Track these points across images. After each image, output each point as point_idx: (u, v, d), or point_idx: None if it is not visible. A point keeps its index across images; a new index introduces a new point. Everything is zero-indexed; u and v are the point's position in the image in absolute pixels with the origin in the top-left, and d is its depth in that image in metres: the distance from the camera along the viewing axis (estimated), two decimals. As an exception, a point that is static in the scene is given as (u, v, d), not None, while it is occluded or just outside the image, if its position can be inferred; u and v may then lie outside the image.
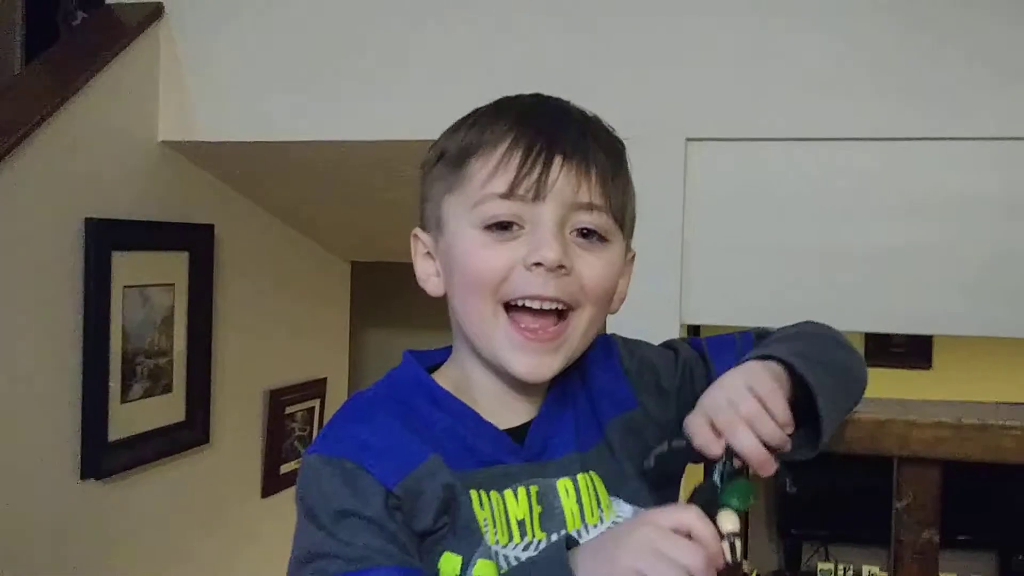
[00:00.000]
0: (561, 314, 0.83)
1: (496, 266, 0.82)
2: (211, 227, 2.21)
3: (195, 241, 2.17)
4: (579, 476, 0.86)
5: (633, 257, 0.92)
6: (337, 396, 2.93)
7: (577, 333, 0.84)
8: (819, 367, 0.87)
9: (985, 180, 1.63)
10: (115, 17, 2.03)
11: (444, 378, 0.90)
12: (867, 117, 1.66)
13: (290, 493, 2.80)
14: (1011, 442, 1.01)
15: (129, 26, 1.98)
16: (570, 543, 0.75)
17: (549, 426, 0.88)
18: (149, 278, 2.03)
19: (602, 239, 0.84)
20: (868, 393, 0.98)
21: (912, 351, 3.97)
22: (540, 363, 0.83)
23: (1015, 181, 1.61)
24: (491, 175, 0.82)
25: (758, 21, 1.72)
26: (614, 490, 0.87)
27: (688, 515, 0.70)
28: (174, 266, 2.11)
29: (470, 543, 0.81)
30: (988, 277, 1.62)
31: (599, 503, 0.85)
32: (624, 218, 0.86)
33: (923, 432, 1.03)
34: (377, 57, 1.92)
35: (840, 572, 3.98)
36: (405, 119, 1.91)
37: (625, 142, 0.90)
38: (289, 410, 2.61)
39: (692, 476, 0.91)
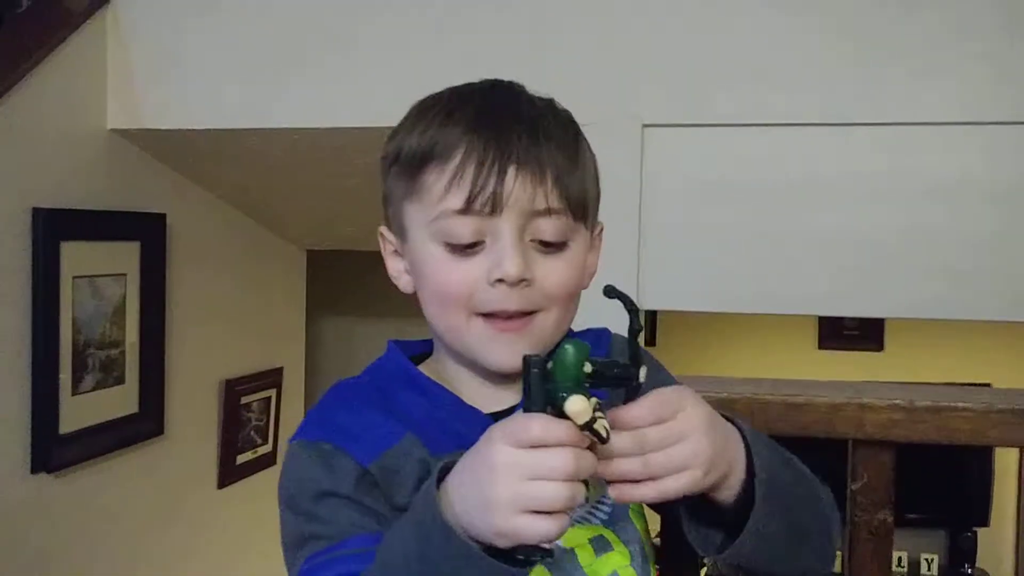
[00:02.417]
0: (527, 313, 0.84)
1: (460, 283, 0.83)
2: (163, 216, 2.18)
3: (146, 230, 2.13)
4: None
5: (601, 230, 0.92)
6: (293, 386, 2.91)
7: (547, 328, 0.85)
8: (779, 462, 0.84)
9: (940, 164, 1.65)
10: (61, 3, 1.99)
11: (428, 368, 0.91)
12: (821, 102, 1.68)
13: (246, 484, 2.80)
14: (963, 423, 1.03)
15: (76, 12, 1.95)
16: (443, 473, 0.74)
17: None
18: (100, 268, 2.00)
19: (563, 240, 0.84)
20: (822, 375, 0.98)
21: (864, 334, 4.02)
22: (513, 352, 0.82)
23: (969, 165, 1.64)
24: (446, 189, 0.82)
25: (714, 7, 1.73)
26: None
27: (531, 427, 0.68)
28: (125, 256, 2.08)
29: None
30: (942, 261, 1.65)
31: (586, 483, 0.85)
32: (586, 206, 0.86)
33: (877, 415, 1.05)
34: (329, 43, 1.91)
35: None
36: (358, 106, 1.90)
37: (582, 128, 0.90)
38: (245, 400, 2.59)
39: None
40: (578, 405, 0.68)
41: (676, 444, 0.74)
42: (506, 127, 0.83)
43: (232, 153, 2.18)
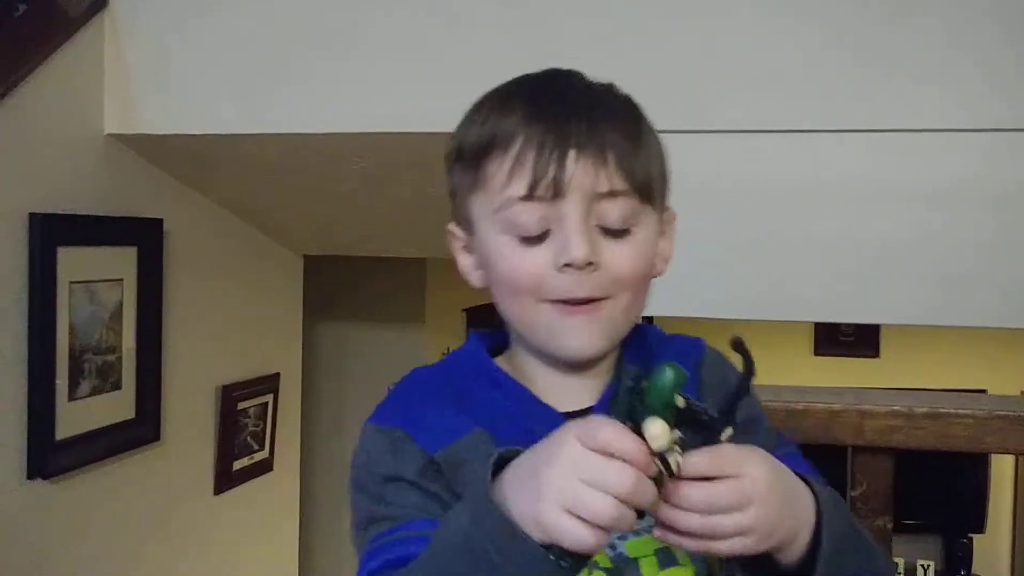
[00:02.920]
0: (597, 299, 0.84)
1: (529, 273, 0.83)
2: (159, 221, 2.17)
3: (143, 236, 2.13)
4: None
5: (674, 215, 0.91)
6: (290, 391, 2.91)
7: (617, 314, 0.85)
8: (850, 536, 0.83)
9: (937, 171, 1.65)
10: (58, 8, 1.98)
11: (506, 361, 0.92)
12: (820, 109, 1.68)
13: (243, 490, 2.78)
14: (961, 430, 1.03)
15: (73, 17, 1.94)
16: (507, 457, 0.73)
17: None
18: (96, 274, 1.99)
19: (630, 222, 0.83)
20: (818, 381, 0.97)
21: (860, 340, 4.03)
22: (584, 336, 0.83)
23: (967, 172, 1.64)
24: (508, 177, 0.82)
25: (714, 14, 1.73)
26: None
27: (602, 431, 0.67)
28: (122, 261, 2.07)
29: None
30: (939, 268, 1.65)
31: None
32: (652, 188, 0.85)
33: (876, 421, 1.05)
34: (326, 49, 1.91)
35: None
36: (355, 112, 1.90)
37: None
38: (242, 406, 2.58)
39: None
40: (657, 429, 0.67)
41: (737, 511, 0.72)
42: (564, 111, 0.82)
43: (229, 158, 2.18)
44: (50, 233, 1.84)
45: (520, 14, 1.81)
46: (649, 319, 2.38)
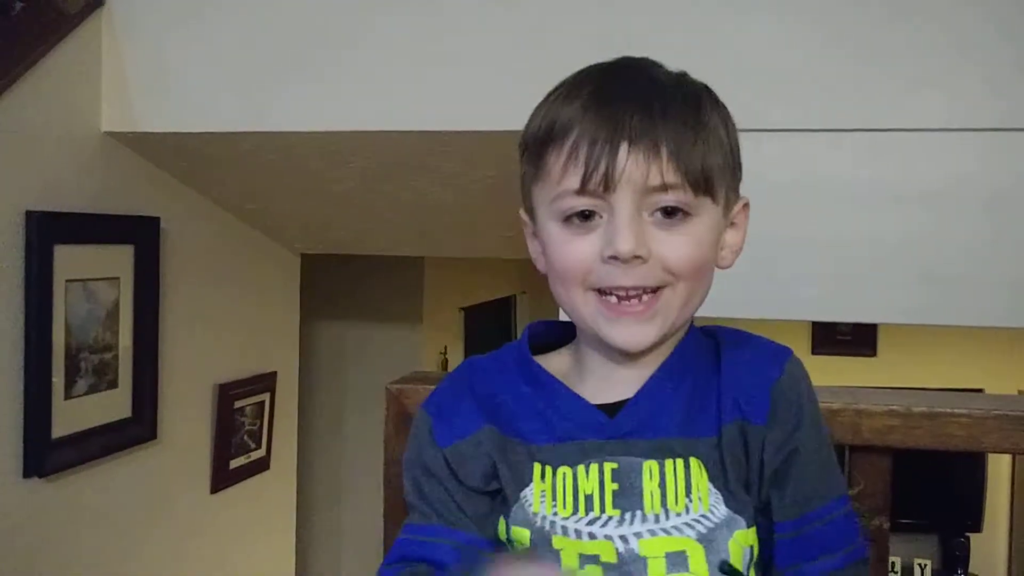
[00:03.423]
0: (652, 290, 0.84)
1: (577, 261, 0.84)
2: (156, 220, 2.17)
3: (140, 234, 2.13)
4: (667, 461, 0.84)
5: (746, 205, 0.92)
6: (287, 390, 2.91)
7: (672, 306, 0.85)
8: None
9: (933, 171, 1.65)
10: (55, 6, 1.98)
11: (558, 354, 0.94)
12: (815, 109, 1.68)
13: (240, 488, 2.77)
14: (959, 429, 1.03)
15: (69, 15, 1.94)
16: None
17: (651, 405, 0.87)
18: (93, 272, 1.99)
19: (685, 214, 0.83)
20: (815, 380, 0.96)
21: (857, 339, 4.04)
22: (635, 332, 0.84)
23: (963, 172, 1.64)
24: (564, 170, 0.83)
25: (709, 14, 1.73)
26: (720, 488, 0.84)
27: None
28: (119, 259, 2.07)
29: (507, 508, 0.86)
30: (935, 267, 1.65)
31: (688, 492, 0.83)
32: (710, 180, 0.84)
33: (874, 421, 1.05)
34: (324, 48, 1.90)
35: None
36: (353, 110, 1.90)
37: None
38: (238, 404, 2.58)
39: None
40: None
41: None
42: (620, 104, 0.83)
43: (226, 157, 2.18)
44: (47, 231, 1.83)
45: (517, 16, 1.81)
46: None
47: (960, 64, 1.63)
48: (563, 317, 0.94)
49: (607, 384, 0.89)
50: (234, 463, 2.58)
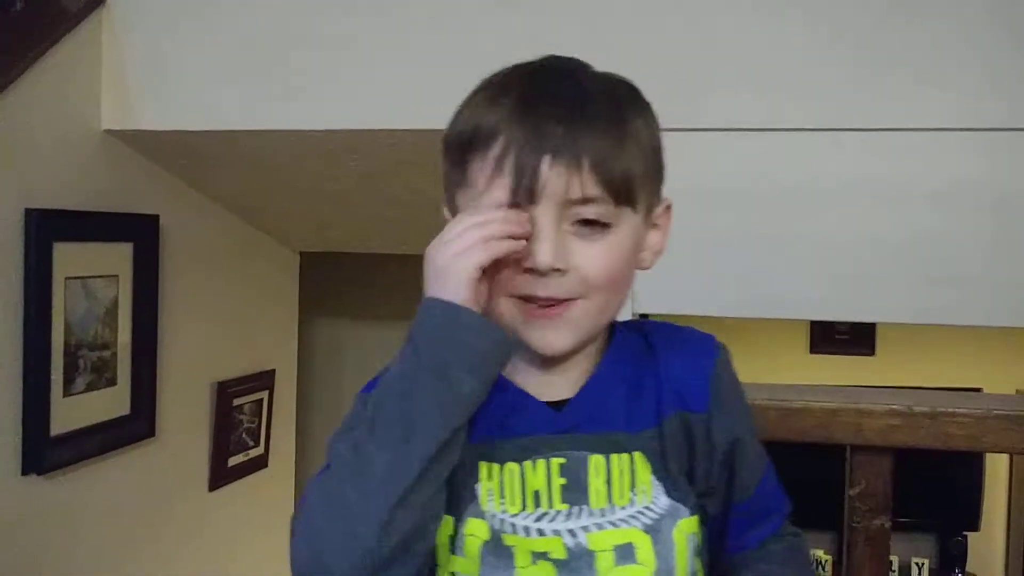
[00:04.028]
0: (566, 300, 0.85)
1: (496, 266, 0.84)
2: (156, 218, 2.17)
3: (139, 232, 2.13)
4: (613, 456, 0.86)
5: (668, 207, 0.92)
6: (285, 388, 2.90)
7: (588, 315, 0.85)
8: None
9: (934, 170, 1.65)
10: (56, 3, 1.98)
11: None
12: (817, 108, 1.68)
13: (238, 486, 2.77)
14: (959, 429, 1.03)
15: (70, 12, 1.94)
16: None
17: (596, 399, 0.89)
18: (92, 269, 1.99)
19: (604, 225, 0.84)
20: (814, 380, 0.97)
21: (856, 338, 4.03)
22: (552, 337, 0.85)
23: (964, 171, 1.64)
24: (489, 182, 0.83)
25: (710, 12, 1.73)
26: (662, 479, 0.87)
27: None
28: (118, 257, 2.07)
29: (460, 505, 0.85)
30: (936, 267, 1.65)
31: (633, 486, 0.86)
32: (634, 189, 0.85)
33: (875, 421, 1.05)
34: (323, 46, 1.90)
35: (786, 556, 4.03)
36: (352, 109, 1.90)
37: None
38: (237, 402, 2.58)
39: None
40: None
41: None
42: (544, 114, 0.82)
43: (226, 155, 2.18)
44: (46, 229, 1.83)
45: (514, 12, 1.81)
46: (644, 317, 2.39)
47: (964, 63, 1.63)
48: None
49: (545, 383, 0.89)
50: (232, 461, 2.58)
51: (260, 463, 2.73)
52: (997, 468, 4.01)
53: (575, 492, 0.85)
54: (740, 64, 1.71)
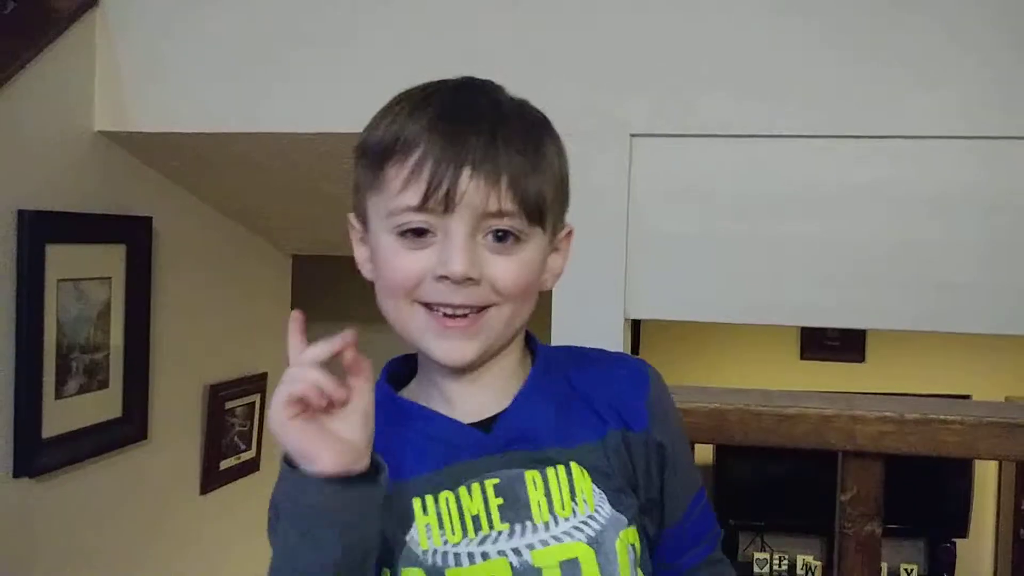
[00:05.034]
0: (478, 309, 0.86)
1: (408, 275, 0.85)
2: (149, 219, 2.17)
3: (132, 234, 2.12)
4: (548, 469, 0.86)
5: (570, 233, 0.94)
6: (277, 391, 2.89)
7: (498, 324, 0.87)
8: None
9: (926, 177, 1.66)
10: (49, 4, 1.97)
11: (414, 383, 0.94)
12: (810, 114, 1.68)
13: (229, 489, 2.76)
14: (951, 436, 1.04)
15: (63, 13, 1.93)
16: None
17: (524, 415, 0.89)
18: (85, 271, 1.98)
19: (516, 239, 0.86)
20: (804, 386, 0.98)
21: (846, 345, 4.05)
22: (456, 347, 0.86)
23: (956, 178, 1.65)
24: (404, 185, 0.84)
25: (704, 17, 1.74)
26: (603, 489, 0.88)
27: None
28: (110, 259, 2.07)
29: (393, 555, 0.85)
30: (928, 274, 1.66)
31: (573, 496, 0.86)
32: (543, 210, 0.87)
33: (867, 427, 1.05)
34: (317, 48, 1.90)
35: (775, 562, 4.05)
36: (346, 111, 1.88)
37: (570, 137, 0.92)
38: (229, 405, 2.58)
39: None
40: None
41: None
42: (465, 128, 0.84)
43: (219, 157, 2.18)
44: (39, 230, 1.83)
45: (503, 18, 1.81)
46: (637, 323, 2.38)
47: (958, 71, 1.63)
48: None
49: (459, 401, 0.90)
50: (224, 464, 2.58)
51: (252, 466, 2.72)
52: (985, 475, 4.03)
53: (515, 510, 0.85)
54: (734, 69, 1.72)
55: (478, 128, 0.84)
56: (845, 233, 1.69)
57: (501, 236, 0.85)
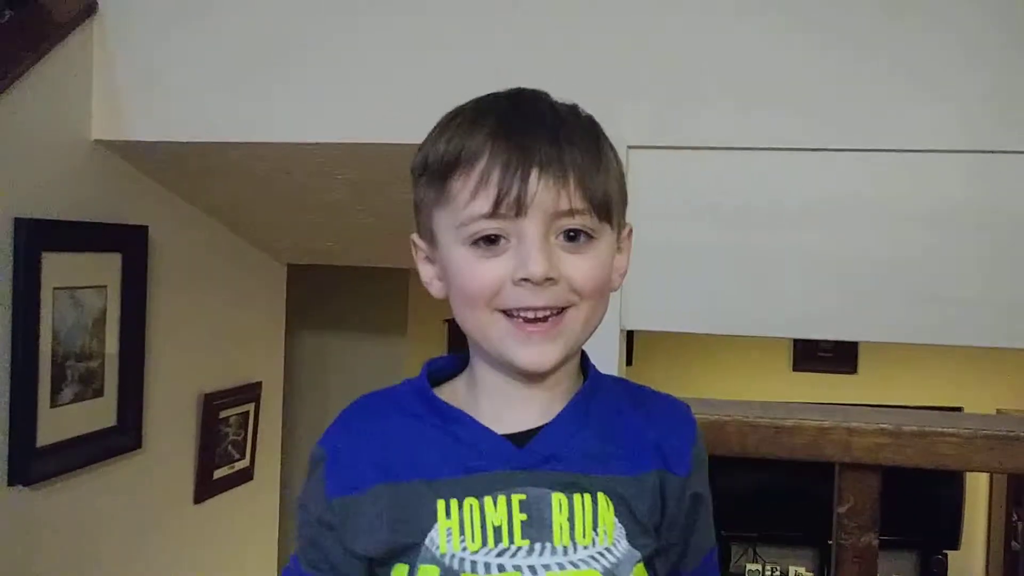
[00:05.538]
0: (558, 310, 0.86)
1: (486, 283, 0.85)
2: (145, 228, 2.17)
3: (128, 242, 2.12)
4: (576, 495, 0.86)
5: (630, 231, 0.95)
6: (272, 400, 2.90)
7: (577, 324, 0.87)
8: None
9: (921, 191, 1.67)
10: (46, 14, 1.98)
11: (451, 386, 0.95)
12: (807, 127, 1.69)
13: (223, 499, 2.76)
14: (948, 448, 1.05)
15: (61, 23, 1.94)
16: None
17: (561, 438, 0.89)
18: (80, 280, 1.98)
19: (589, 237, 0.86)
20: (796, 397, 0.99)
21: (839, 357, 4.07)
22: (541, 352, 0.86)
23: (950, 192, 1.66)
24: (473, 195, 0.84)
25: (701, 29, 1.75)
26: (625, 524, 0.87)
27: None
28: (106, 268, 2.06)
29: (413, 552, 0.85)
30: (921, 287, 1.67)
31: (595, 526, 0.86)
32: (610, 207, 0.88)
33: (864, 439, 1.06)
34: (316, 59, 1.91)
35: (767, 573, 4.05)
36: (342, 122, 1.90)
37: None
38: (223, 414, 2.57)
39: None
40: None
41: None
42: (529, 132, 0.85)
43: (215, 166, 2.18)
44: (35, 238, 1.83)
45: (501, 29, 1.82)
46: (631, 334, 2.40)
47: (956, 84, 1.64)
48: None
49: (505, 410, 0.90)
50: (218, 473, 2.57)
51: (246, 476, 2.72)
52: (977, 487, 4.04)
53: (538, 528, 0.85)
54: (731, 82, 1.73)
55: (540, 132, 0.85)
56: (839, 245, 1.70)
57: (573, 235, 0.86)
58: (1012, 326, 1.63)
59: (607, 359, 0.98)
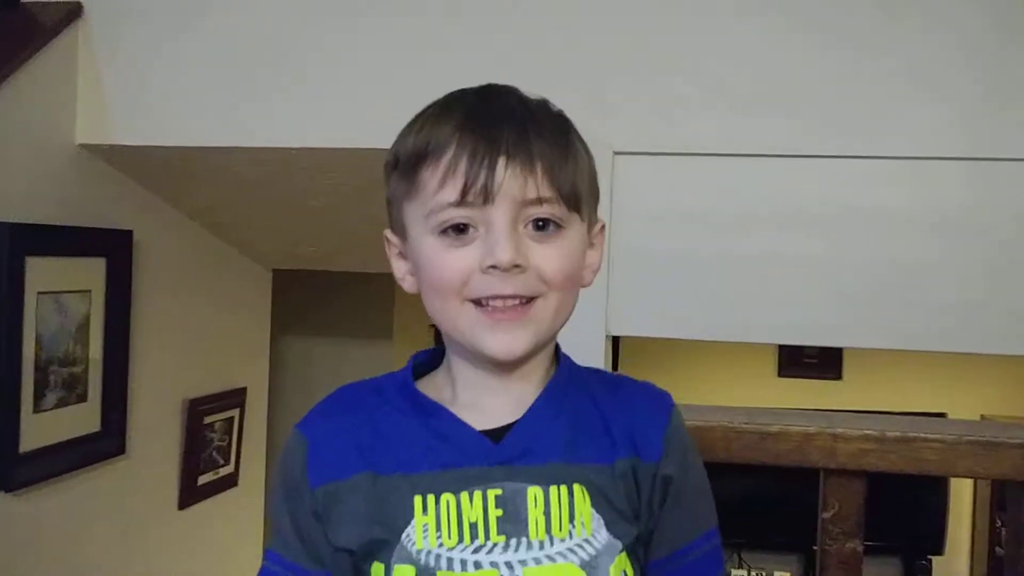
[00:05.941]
0: (527, 299, 0.87)
1: (455, 272, 0.86)
2: (129, 233, 2.16)
3: (113, 247, 2.11)
4: (552, 487, 0.86)
5: (603, 227, 0.95)
6: (257, 406, 2.89)
7: (546, 314, 0.88)
8: None
9: (909, 197, 1.67)
10: (31, 17, 1.97)
11: (432, 379, 0.95)
12: (794, 133, 1.70)
13: (208, 505, 2.74)
14: (931, 454, 1.05)
15: (45, 26, 1.93)
16: None
17: (535, 431, 0.89)
18: (64, 284, 1.97)
19: (557, 226, 0.87)
20: (782, 403, 0.99)
21: (823, 363, 4.08)
22: (510, 339, 0.86)
23: (941, 199, 1.66)
24: (441, 184, 0.85)
25: (688, 34, 1.75)
26: (603, 513, 0.87)
27: None
28: (91, 272, 2.05)
29: (388, 551, 0.85)
30: (910, 293, 1.67)
31: (572, 518, 0.86)
32: (579, 198, 0.89)
33: (849, 444, 1.06)
34: (302, 64, 1.91)
35: (752, 578, 4.06)
36: (327, 127, 1.90)
37: None
38: (208, 420, 2.56)
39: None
40: None
41: None
42: (496, 123, 0.86)
43: (200, 171, 2.17)
44: (19, 242, 1.82)
45: (488, 34, 1.82)
46: (617, 339, 2.40)
47: (949, 89, 1.65)
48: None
49: (482, 402, 0.91)
50: (202, 479, 2.56)
51: (230, 481, 2.71)
52: (961, 492, 4.05)
53: (513, 524, 0.85)
54: (718, 88, 1.73)
55: (508, 122, 0.86)
56: (824, 252, 1.70)
57: (542, 225, 0.86)
58: (998, 332, 1.64)
59: (593, 365, 0.98)
